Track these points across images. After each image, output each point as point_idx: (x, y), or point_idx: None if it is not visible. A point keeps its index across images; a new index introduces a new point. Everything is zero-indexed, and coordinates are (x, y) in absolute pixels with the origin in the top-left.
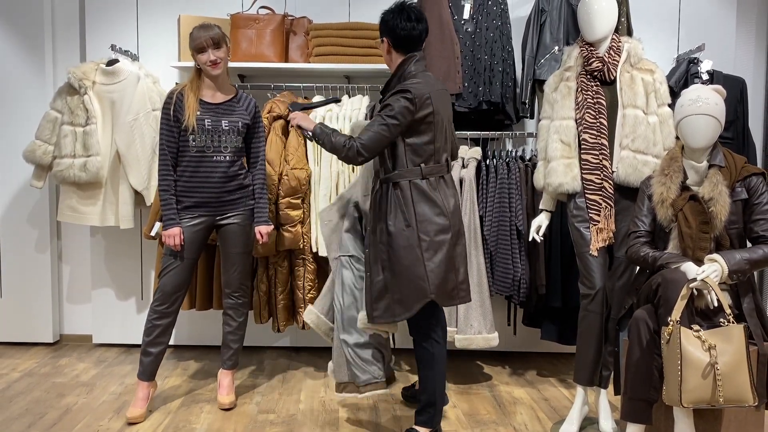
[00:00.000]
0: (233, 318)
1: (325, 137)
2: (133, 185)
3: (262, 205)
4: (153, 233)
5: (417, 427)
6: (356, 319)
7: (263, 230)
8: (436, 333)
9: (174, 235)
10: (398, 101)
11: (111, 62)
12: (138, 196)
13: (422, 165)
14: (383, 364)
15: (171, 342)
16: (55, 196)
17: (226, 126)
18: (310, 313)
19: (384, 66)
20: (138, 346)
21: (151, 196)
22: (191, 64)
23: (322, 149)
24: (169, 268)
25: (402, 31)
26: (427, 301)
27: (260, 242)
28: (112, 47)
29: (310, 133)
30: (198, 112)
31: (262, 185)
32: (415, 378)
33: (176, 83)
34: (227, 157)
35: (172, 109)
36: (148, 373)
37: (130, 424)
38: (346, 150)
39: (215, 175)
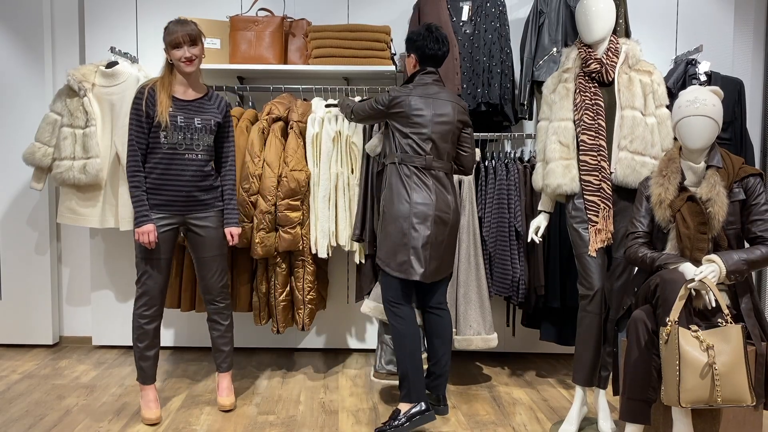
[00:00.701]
0: (220, 322)
1: (341, 105)
2: None
3: (233, 207)
4: None
5: (399, 405)
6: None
7: (234, 232)
8: (400, 309)
9: (148, 232)
10: (381, 96)
11: (110, 64)
12: None
13: (401, 154)
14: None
15: (170, 343)
16: (54, 198)
17: (198, 124)
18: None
19: (382, 67)
20: None
21: None
22: None
23: (321, 152)
24: (150, 272)
25: (429, 51)
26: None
27: (230, 244)
28: (112, 49)
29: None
30: (170, 109)
31: (232, 186)
32: None
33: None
34: (199, 156)
35: (144, 104)
36: (151, 377)
37: (151, 425)
38: (346, 111)
39: (186, 174)
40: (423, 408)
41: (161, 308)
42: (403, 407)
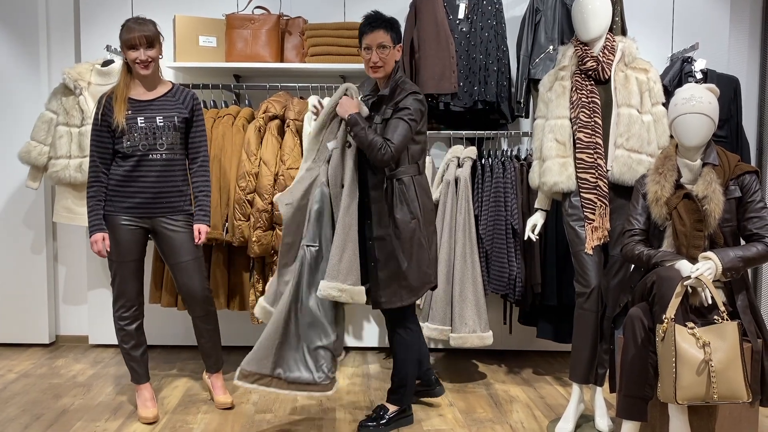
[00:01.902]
0: (207, 328)
1: (360, 130)
2: None
3: (204, 204)
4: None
5: (387, 404)
6: (321, 324)
7: (202, 229)
8: (410, 321)
9: (97, 241)
10: (413, 103)
11: (106, 63)
12: None
13: (418, 162)
14: (333, 367)
15: (167, 342)
16: (50, 197)
17: (160, 122)
18: (260, 308)
19: None
20: None
21: None
22: (187, 64)
23: None
24: (121, 275)
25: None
26: (431, 286)
27: (197, 242)
28: (107, 48)
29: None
30: (129, 112)
31: (203, 182)
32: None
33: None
34: (163, 156)
35: (101, 113)
36: (144, 375)
37: (148, 424)
38: (382, 152)
39: (151, 175)
40: (408, 412)
41: (140, 308)
42: (391, 408)
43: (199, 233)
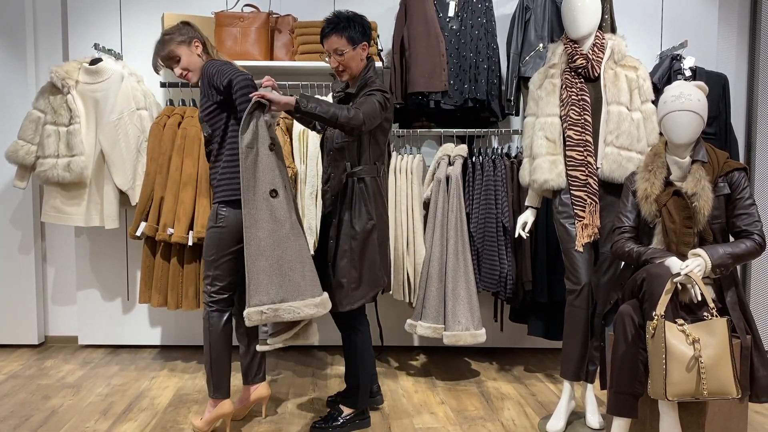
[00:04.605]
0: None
1: (317, 102)
2: (117, 185)
3: None
4: (138, 233)
5: (342, 407)
6: None
7: None
8: (362, 324)
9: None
10: (380, 96)
11: (94, 61)
12: (123, 196)
13: (378, 164)
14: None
15: (158, 342)
16: (38, 196)
17: None
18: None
19: None
20: (124, 346)
21: (136, 196)
22: None
23: (308, 149)
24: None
25: (370, 38)
26: (379, 289)
27: None
28: (95, 46)
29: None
30: None
31: None
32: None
33: (160, 83)
34: None
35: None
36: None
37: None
38: (350, 114)
39: None
40: (364, 414)
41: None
42: (346, 410)
43: None
